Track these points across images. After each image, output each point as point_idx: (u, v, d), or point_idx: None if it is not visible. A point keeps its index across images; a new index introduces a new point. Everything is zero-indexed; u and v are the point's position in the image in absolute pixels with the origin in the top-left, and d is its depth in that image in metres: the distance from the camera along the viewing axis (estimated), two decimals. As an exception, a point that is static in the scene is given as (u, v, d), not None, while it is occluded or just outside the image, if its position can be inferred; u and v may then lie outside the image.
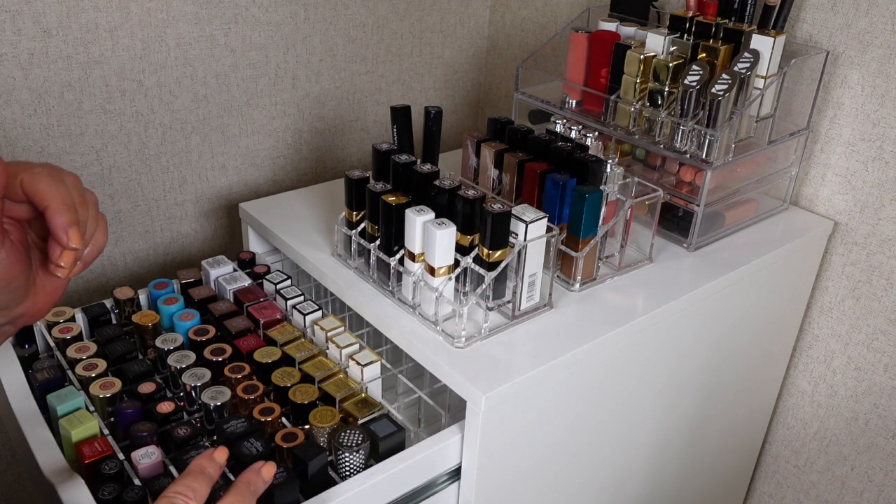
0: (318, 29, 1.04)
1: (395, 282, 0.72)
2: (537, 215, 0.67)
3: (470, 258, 0.68)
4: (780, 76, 0.82)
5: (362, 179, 0.73)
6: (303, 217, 0.88)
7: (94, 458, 0.62)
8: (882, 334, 0.90)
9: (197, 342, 0.75)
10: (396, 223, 0.70)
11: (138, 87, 0.92)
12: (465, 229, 0.67)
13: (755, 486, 1.11)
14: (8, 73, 0.83)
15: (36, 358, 0.77)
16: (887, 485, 0.95)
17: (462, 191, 0.66)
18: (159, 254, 1.03)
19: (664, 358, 0.78)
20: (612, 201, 0.76)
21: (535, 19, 1.16)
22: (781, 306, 0.91)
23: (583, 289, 0.75)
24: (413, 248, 0.69)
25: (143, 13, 0.89)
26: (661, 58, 0.82)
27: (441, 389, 0.76)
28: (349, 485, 0.61)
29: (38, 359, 0.76)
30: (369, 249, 0.74)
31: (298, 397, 0.68)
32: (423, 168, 0.70)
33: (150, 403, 0.68)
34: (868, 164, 0.86)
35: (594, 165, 0.72)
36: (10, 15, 0.81)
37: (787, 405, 1.03)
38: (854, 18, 0.83)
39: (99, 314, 0.79)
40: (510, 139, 0.80)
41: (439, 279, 0.68)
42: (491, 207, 0.64)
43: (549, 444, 0.71)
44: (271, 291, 0.82)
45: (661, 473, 0.89)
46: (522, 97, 0.94)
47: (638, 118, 0.85)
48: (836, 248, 0.91)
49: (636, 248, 0.81)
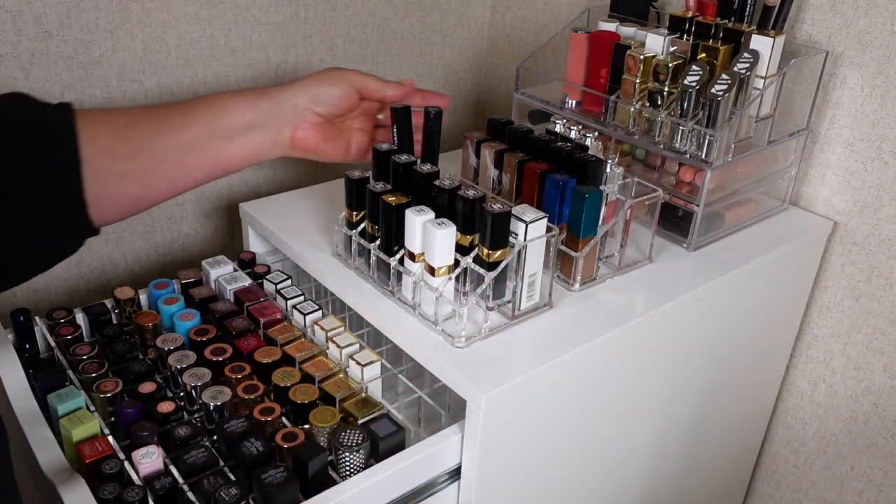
0: (318, 29, 1.04)
1: (395, 282, 0.72)
2: (537, 215, 0.67)
3: (470, 258, 0.68)
4: (779, 76, 0.82)
5: (362, 179, 0.73)
6: (303, 217, 0.88)
7: (94, 457, 0.62)
8: (881, 334, 0.90)
9: (197, 342, 0.75)
10: (396, 223, 0.70)
11: (139, 87, 0.92)
12: (465, 229, 0.67)
13: (754, 485, 1.11)
14: (9, 74, 0.83)
15: (37, 358, 0.77)
16: (886, 484, 0.95)
17: (462, 191, 0.66)
18: (160, 254, 1.03)
19: (664, 357, 0.78)
20: (612, 201, 0.76)
21: (535, 19, 1.17)
22: (781, 306, 0.91)
23: (583, 289, 0.75)
24: (413, 248, 0.69)
25: (143, 13, 0.89)
26: (660, 58, 0.82)
27: (441, 389, 0.76)
28: (349, 485, 0.61)
29: (39, 359, 0.77)
30: (369, 249, 0.74)
31: (298, 397, 0.68)
32: (423, 168, 0.70)
33: (151, 403, 0.68)
34: (867, 164, 0.86)
35: (594, 165, 0.72)
36: (10, 15, 0.81)
37: (786, 405, 1.03)
38: (853, 19, 0.83)
39: (99, 314, 0.79)
40: (510, 139, 0.80)
41: (439, 279, 0.68)
42: (491, 207, 0.64)
43: (549, 444, 0.71)
44: (271, 291, 0.82)
45: (660, 472, 0.89)
46: (522, 97, 0.94)
47: (638, 118, 0.85)
48: (835, 248, 0.91)
49: (636, 248, 0.81)
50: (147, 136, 0.68)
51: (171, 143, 0.70)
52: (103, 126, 0.66)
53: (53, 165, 0.62)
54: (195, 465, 0.62)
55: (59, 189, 0.62)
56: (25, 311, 0.76)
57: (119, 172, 0.66)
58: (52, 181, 0.62)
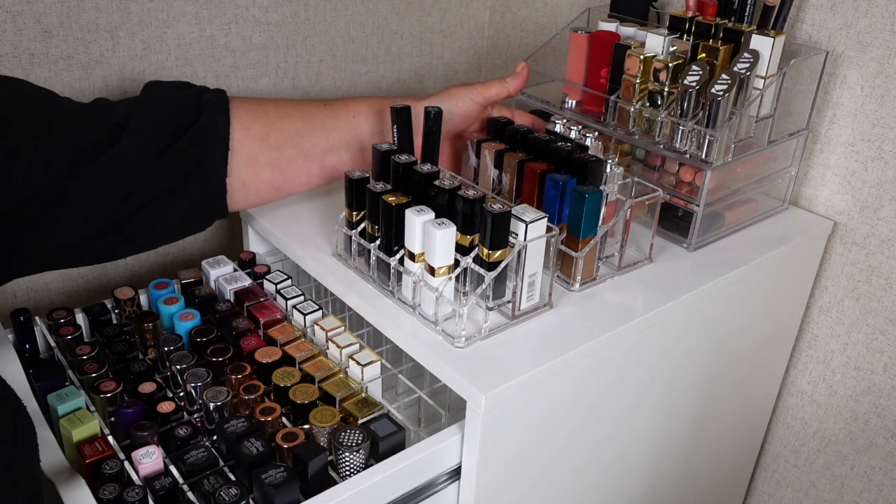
0: (318, 29, 1.04)
1: (395, 282, 0.72)
2: (537, 215, 0.67)
3: (470, 258, 0.68)
4: (779, 76, 0.82)
5: (362, 179, 0.73)
6: (303, 217, 0.88)
7: (94, 457, 0.62)
8: (881, 334, 0.90)
9: (197, 342, 0.75)
10: (396, 223, 0.70)
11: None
12: (465, 229, 0.67)
13: (755, 485, 1.11)
14: (9, 74, 0.83)
15: (37, 358, 0.77)
16: (886, 484, 0.95)
17: (462, 191, 0.66)
18: (159, 254, 1.03)
19: (663, 357, 0.78)
20: (611, 201, 0.76)
21: (535, 19, 1.17)
22: (781, 306, 0.91)
23: (583, 289, 0.75)
24: (413, 248, 0.69)
25: (143, 13, 0.89)
26: (660, 58, 0.82)
27: (441, 389, 0.76)
28: (349, 485, 0.61)
29: (39, 359, 0.77)
30: (369, 249, 0.74)
31: (298, 397, 0.68)
32: (423, 168, 0.70)
33: (151, 403, 0.68)
34: (867, 164, 0.86)
35: (594, 165, 0.72)
36: (10, 15, 0.81)
37: (786, 405, 1.03)
38: (853, 19, 0.83)
39: (99, 314, 0.79)
40: (510, 139, 0.80)
41: (439, 279, 0.68)
42: (491, 207, 0.64)
43: (549, 444, 0.71)
44: (272, 291, 0.82)
45: (660, 472, 0.89)
46: (522, 97, 0.94)
47: (638, 118, 0.85)
48: (835, 248, 0.91)
49: (636, 249, 0.81)
50: (297, 131, 0.76)
51: (317, 142, 0.77)
52: (258, 116, 0.74)
53: (205, 149, 0.70)
54: (195, 465, 0.62)
55: (209, 165, 0.71)
56: (25, 311, 0.76)
57: (269, 160, 0.74)
58: (201, 160, 0.70)
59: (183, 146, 0.69)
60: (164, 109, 0.69)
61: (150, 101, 0.70)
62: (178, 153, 0.68)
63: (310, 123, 0.77)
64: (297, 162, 0.76)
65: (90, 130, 0.65)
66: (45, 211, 0.63)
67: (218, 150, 0.71)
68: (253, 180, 0.74)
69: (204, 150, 0.70)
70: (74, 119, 0.65)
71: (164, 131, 0.68)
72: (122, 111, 0.68)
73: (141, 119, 0.68)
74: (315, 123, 0.77)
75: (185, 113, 0.70)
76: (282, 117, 0.76)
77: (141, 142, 0.67)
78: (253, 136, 0.73)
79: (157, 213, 0.69)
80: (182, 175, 0.69)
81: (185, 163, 0.69)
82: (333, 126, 0.78)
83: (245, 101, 0.75)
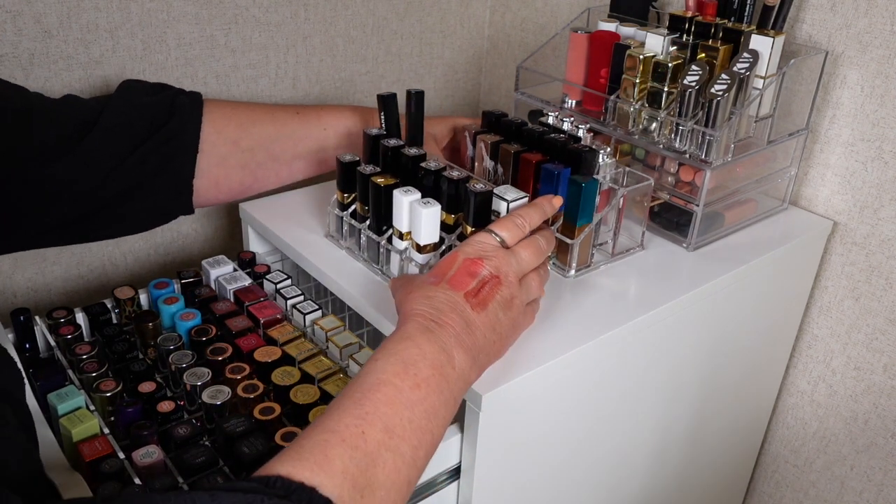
0: (318, 29, 1.05)
1: (384, 261, 0.76)
2: (518, 195, 0.70)
3: (454, 236, 0.71)
4: (779, 76, 0.82)
5: (353, 162, 0.76)
6: (303, 217, 0.88)
7: (94, 457, 0.62)
8: (881, 334, 0.90)
9: (197, 342, 0.75)
10: (385, 203, 0.73)
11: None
12: (449, 208, 0.71)
13: (754, 485, 1.11)
14: (9, 74, 0.83)
15: (37, 358, 0.77)
16: (886, 484, 0.95)
17: (447, 172, 0.70)
18: (159, 254, 1.03)
19: (663, 357, 0.78)
20: (604, 190, 0.77)
21: (535, 19, 1.17)
22: (781, 306, 0.91)
23: (578, 275, 0.76)
24: (401, 227, 0.72)
25: (143, 13, 0.89)
26: (660, 58, 0.82)
27: (441, 389, 0.76)
28: (349, 484, 0.61)
29: (39, 358, 0.77)
30: (359, 230, 0.77)
31: (298, 397, 0.68)
32: (410, 151, 0.74)
33: (151, 403, 0.68)
34: (867, 164, 0.86)
35: (588, 155, 0.73)
36: (10, 15, 0.81)
37: (786, 405, 1.03)
38: (853, 19, 0.83)
39: (99, 314, 0.79)
40: (505, 131, 0.81)
41: (425, 255, 0.71)
42: (474, 187, 0.67)
43: (549, 443, 0.71)
44: (271, 291, 0.83)
45: (660, 472, 0.89)
46: (522, 97, 0.94)
47: (637, 118, 0.85)
48: (835, 248, 0.91)
49: (629, 237, 0.83)
50: (268, 136, 0.80)
51: (286, 149, 0.82)
52: (231, 119, 0.78)
53: (173, 151, 0.74)
54: (195, 465, 0.62)
55: (177, 166, 0.75)
56: (25, 310, 0.76)
57: (240, 162, 0.79)
58: (169, 162, 0.74)
59: (152, 146, 0.72)
60: (137, 111, 0.73)
61: (123, 100, 0.73)
62: (148, 153, 0.72)
63: (281, 130, 0.81)
64: (266, 165, 0.81)
65: (58, 125, 0.68)
66: (16, 199, 0.66)
67: (186, 154, 0.75)
68: (225, 180, 0.79)
69: (172, 153, 0.74)
70: (42, 113, 0.68)
71: (134, 132, 0.72)
72: (93, 108, 0.71)
73: (111, 118, 0.71)
74: (285, 131, 0.82)
75: (156, 115, 0.74)
76: (254, 122, 0.80)
77: (110, 140, 0.70)
78: (225, 139, 0.78)
79: (124, 208, 0.74)
80: (149, 175, 0.73)
81: (153, 164, 0.73)
82: (303, 135, 0.83)
83: (219, 105, 0.79)
